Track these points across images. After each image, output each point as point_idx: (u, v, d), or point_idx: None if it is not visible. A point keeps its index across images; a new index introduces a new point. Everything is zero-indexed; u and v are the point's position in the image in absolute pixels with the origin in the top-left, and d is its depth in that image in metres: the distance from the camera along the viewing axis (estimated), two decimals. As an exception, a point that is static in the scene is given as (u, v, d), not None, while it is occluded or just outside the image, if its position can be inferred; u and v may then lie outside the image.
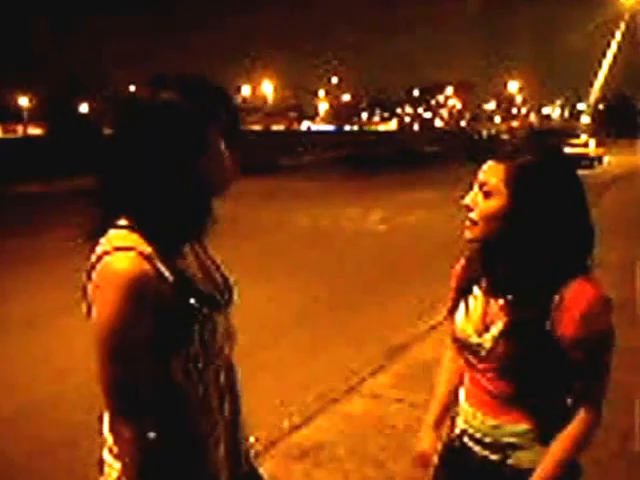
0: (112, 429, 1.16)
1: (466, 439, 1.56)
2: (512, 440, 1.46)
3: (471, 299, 1.53)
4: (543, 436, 1.44)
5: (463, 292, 1.55)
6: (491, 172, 1.40)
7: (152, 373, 1.14)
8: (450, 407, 1.67)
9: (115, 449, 1.19)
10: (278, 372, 4.30)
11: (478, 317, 1.49)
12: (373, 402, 3.78)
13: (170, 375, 1.17)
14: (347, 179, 19.64)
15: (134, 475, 1.15)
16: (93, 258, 1.14)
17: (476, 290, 1.52)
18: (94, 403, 1.29)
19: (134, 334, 1.10)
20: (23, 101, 62.51)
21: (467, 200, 1.44)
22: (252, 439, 3.32)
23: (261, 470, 1.53)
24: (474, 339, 1.48)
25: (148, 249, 1.14)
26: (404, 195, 14.98)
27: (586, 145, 25.79)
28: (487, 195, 1.40)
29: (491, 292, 1.48)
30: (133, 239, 1.15)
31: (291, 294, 6.27)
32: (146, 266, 1.11)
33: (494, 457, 1.49)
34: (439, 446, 1.66)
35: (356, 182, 18.59)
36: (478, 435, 1.52)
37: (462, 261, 1.62)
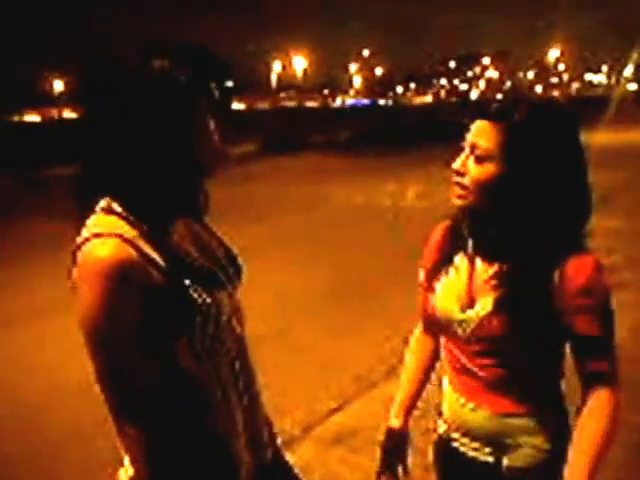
0: (118, 430, 1.07)
1: (454, 437, 1.41)
2: (510, 432, 1.31)
3: (452, 271, 1.36)
4: (543, 424, 1.30)
5: (442, 264, 1.38)
6: (483, 134, 1.23)
7: (150, 363, 1.04)
8: (418, 393, 1.53)
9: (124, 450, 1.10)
10: (314, 353, 4.21)
11: (462, 290, 1.32)
12: (412, 384, 3.66)
13: (176, 361, 1.08)
14: (382, 155, 19.32)
15: (143, 474, 1.06)
16: (73, 247, 1.05)
17: (458, 261, 1.35)
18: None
19: (122, 323, 1.01)
20: (58, 85, 63.07)
21: (457, 164, 1.28)
22: (287, 423, 3.27)
23: (288, 458, 1.42)
24: (458, 315, 1.32)
25: (132, 232, 1.05)
26: (440, 170, 14.59)
27: None
28: (480, 160, 1.24)
29: (480, 262, 1.31)
30: (115, 223, 1.06)
31: (326, 274, 6.16)
32: (129, 251, 1.03)
33: (487, 458, 1.35)
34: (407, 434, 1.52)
35: (391, 158, 18.27)
36: (471, 430, 1.36)
37: (441, 229, 1.45)
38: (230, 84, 1.17)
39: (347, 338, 4.50)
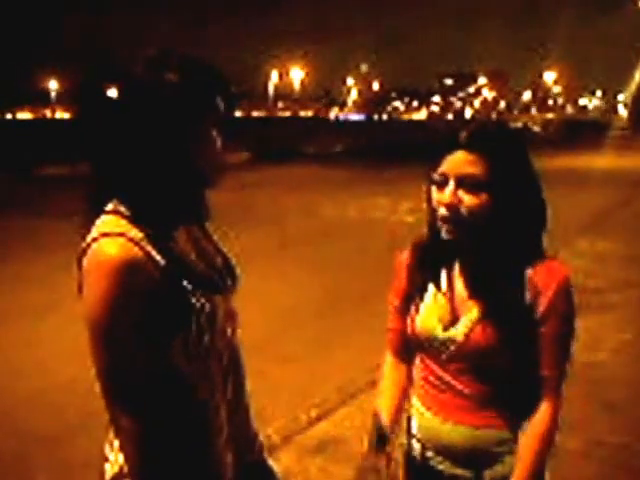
0: (111, 420, 1.11)
1: (430, 456, 1.41)
2: (492, 445, 1.34)
3: (430, 293, 1.40)
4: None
5: (417, 288, 1.42)
6: (469, 164, 1.27)
7: (148, 359, 1.10)
8: (396, 426, 1.49)
9: (116, 442, 1.15)
10: (298, 363, 4.23)
11: (444, 310, 1.36)
12: (394, 397, 3.68)
13: (170, 360, 1.13)
14: (376, 168, 19.42)
15: (135, 466, 1.11)
16: (83, 245, 1.11)
17: (434, 283, 1.40)
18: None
19: (125, 320, 1.06)
20: (53, 84, 63.15)
21: (448, 198, 1.28)
22: (269, 430, 3.27)
23: (271, 462, 1.46)
24: (440, 334, 1.35)
25: (138, 234, 1.11)
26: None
27: None
28: (474, 189, 1.27)
29: (458, 282, 1.37)
30: (122, 225, 1.11)
31: (314, 284, 6.19)
32: (136, 251, 1.08)
33: (467, 473, 1.37)
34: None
35: (385, 171, 18.37)
36: (450, 448, 1.37)
37: (407, 255, 1.49)
38: (235, 99, 1.24)
39: (331, 349, 4.53)
